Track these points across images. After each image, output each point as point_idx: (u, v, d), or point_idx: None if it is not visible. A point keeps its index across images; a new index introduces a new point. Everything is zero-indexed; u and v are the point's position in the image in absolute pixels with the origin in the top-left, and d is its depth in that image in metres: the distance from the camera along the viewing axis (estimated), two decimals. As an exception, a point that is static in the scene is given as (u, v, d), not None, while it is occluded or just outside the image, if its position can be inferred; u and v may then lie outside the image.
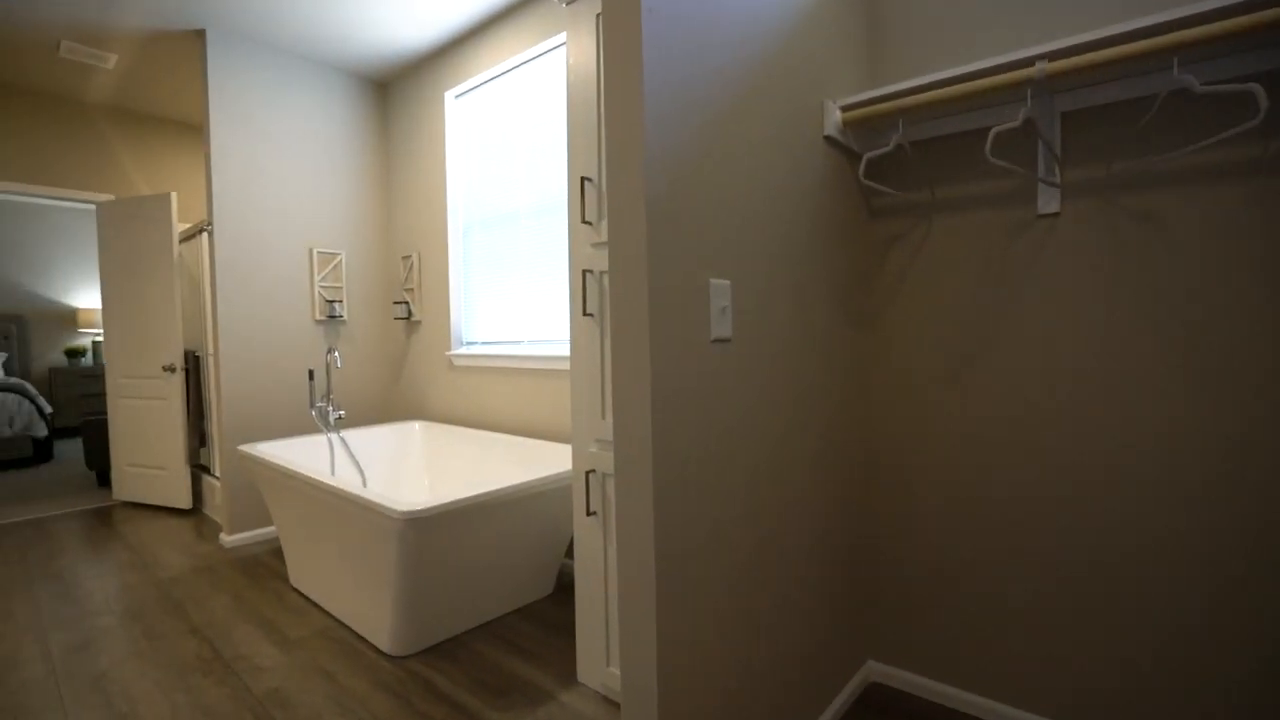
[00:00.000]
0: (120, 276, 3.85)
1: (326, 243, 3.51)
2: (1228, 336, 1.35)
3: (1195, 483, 1.40)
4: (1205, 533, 1.39)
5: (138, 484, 3.91)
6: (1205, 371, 1.38)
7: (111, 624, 2.35)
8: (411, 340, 3.65)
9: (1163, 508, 1.44)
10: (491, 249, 3.22)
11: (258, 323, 3.24)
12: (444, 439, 3.21)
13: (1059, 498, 1.56)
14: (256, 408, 3.24)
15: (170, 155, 4.23)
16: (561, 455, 2.64)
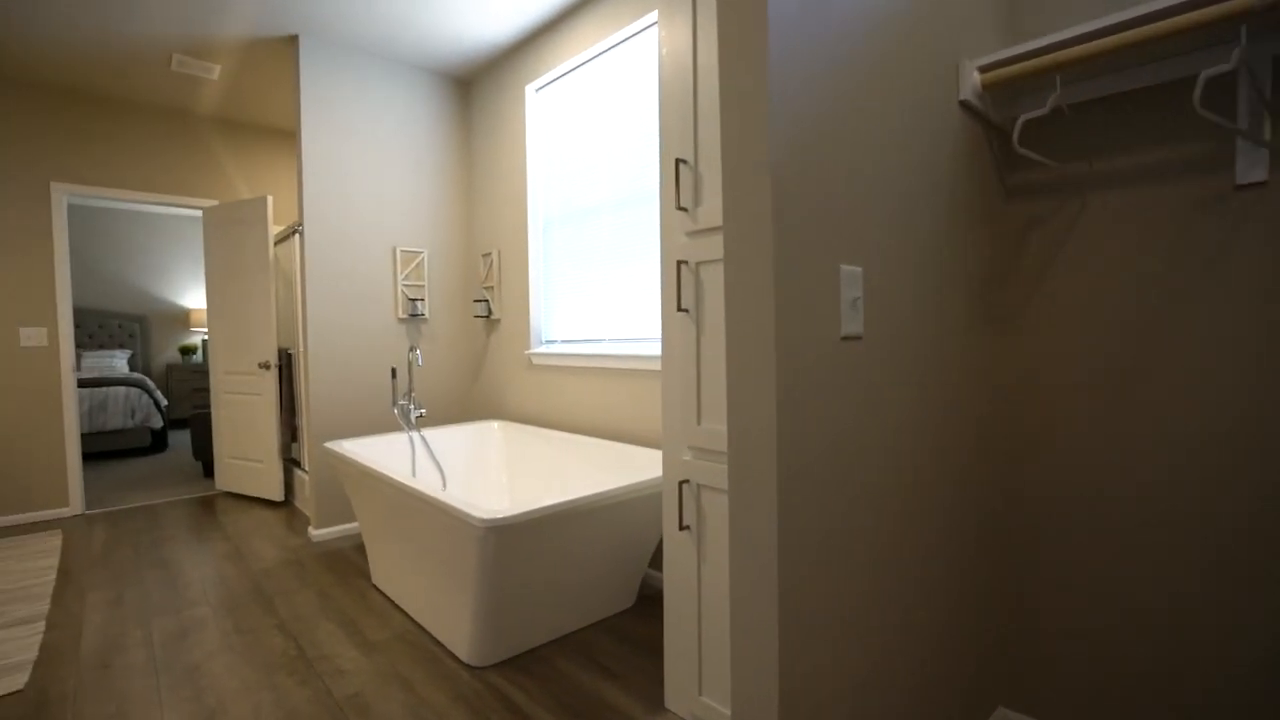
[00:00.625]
0: (222, 277, 4.04)
1: (410, 241, 3.53)
2: None
3: None
4: None
5: (237, 475, 4.09)
6: None
7: (207, 614, 2.40)
8: (491, 339, 3.62)
9: None
10: (571, 245, 3.13)
11: (344, 321, 3.29)
12: (522, 440, 3.15)
13: (1262, 568, 1.27)
14: (342, 404, 3.29)
15: (268, 161, 4.42)
16: (645, 460, 2.50)
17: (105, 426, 5.42)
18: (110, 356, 6.62)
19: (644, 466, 2.48)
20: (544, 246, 3.32)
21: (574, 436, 2.87)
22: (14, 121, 3.58)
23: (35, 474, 3.67)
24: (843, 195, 1.06)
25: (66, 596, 2.59)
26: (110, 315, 6.99)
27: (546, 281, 3.31)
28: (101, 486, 4.53)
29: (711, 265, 1.56)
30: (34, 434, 3.66)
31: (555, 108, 3.20)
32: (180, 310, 7.47)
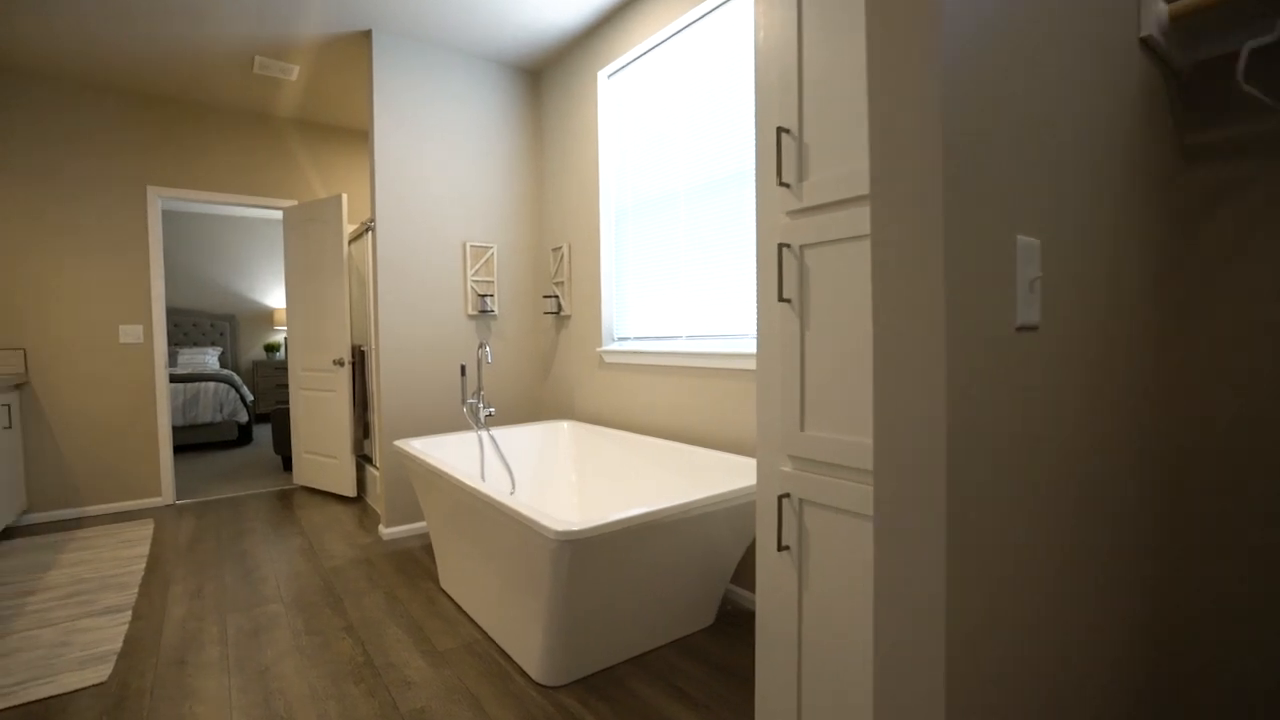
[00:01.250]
0: (300, 276, 4.11)
1: (479, 236, 3.46)
2: None
3: None
4: None
5: (313, 470, 4.16)
6: None
7: (279, 612, 2.38)
8: (561, 336, 3.51)
9: None
10: (645, 236, 2.97)
11: (414, 317, 3.25)
12: (593, 441, 3.01)
13: None
14: (412, 402, 3.25)
15: (344, 161, 4.48)
16: (724, 467, 2.30)
17: (197, 420, 5.69)
18: (203, 353, 6.98)
19: (723, 474, 2.29)
20: (616, 239, 3.17)
21: (647, 439, 2.70)
22: (115, 130, 3.75)
23: (132, 464, 3.83)
24: (1012, 147, 0.84)
25: (152, 587, 2.64)
26: (203, 314, 7.38)
27: (619, 276, 3.16)
28: (192, 477, 4.72)
29: (820, 248, 1.35)
30: (132, 426, 3.83)
31: (628, 93, 3.04)
32: (265, 309, 7.82)
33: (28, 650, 2.13)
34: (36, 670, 2.00)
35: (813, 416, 1.37)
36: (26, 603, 2.49)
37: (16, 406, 3.49)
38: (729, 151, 2.49)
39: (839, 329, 1.30)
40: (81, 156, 3.67)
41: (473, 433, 2.93)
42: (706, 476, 2.36)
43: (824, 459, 1.34)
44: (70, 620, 2.34)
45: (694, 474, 2.41)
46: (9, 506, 3.31)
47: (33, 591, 2.60)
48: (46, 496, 3.62)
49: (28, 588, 2.64)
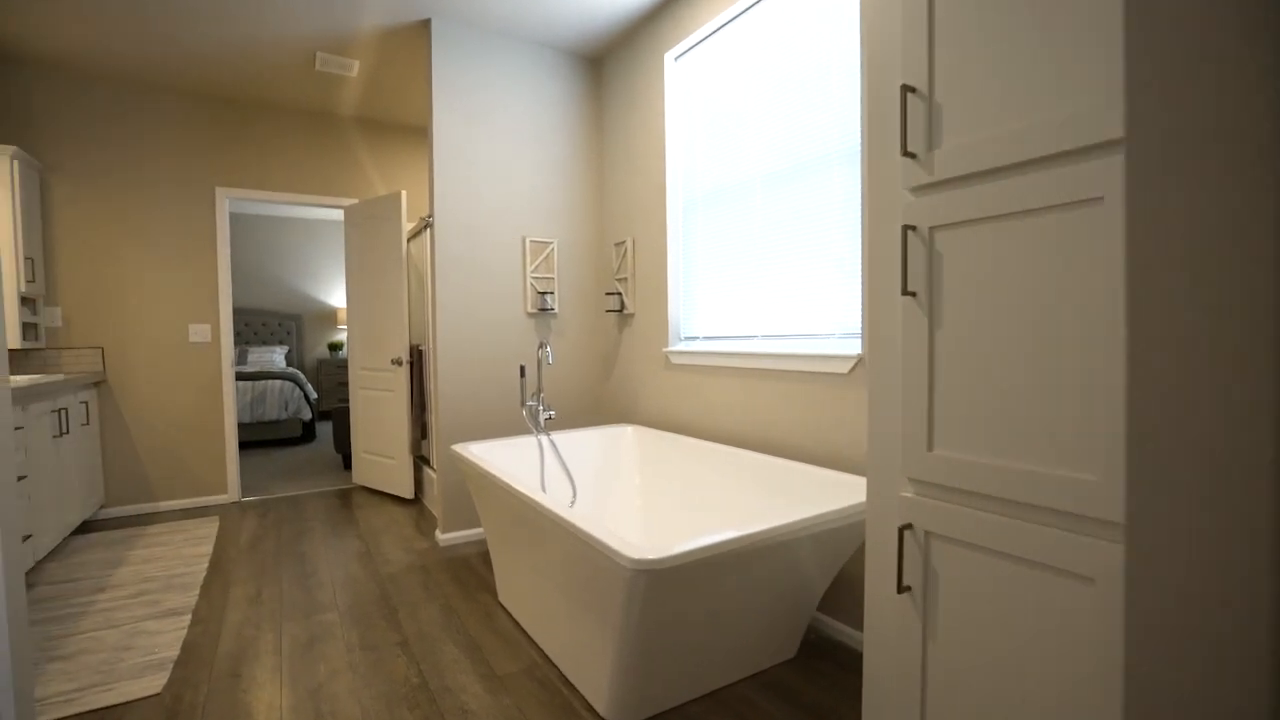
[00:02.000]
0: (360, 274, 4.09)
1: (539, 231, 3.32)
2: None
3: None
4: None
5: (371, 470, 4.13)
6: None
7: (334, 622, 2.29)
8: (623, 335, 3.33)
9: None
10: (717, 228, 2.75)
11: (473, 316, 3.14)
12: (659, 448, 2.82)
13: None
14: (470, 403, 3.14)
15: (403, 159, 4.45)
16: (814, 482, 2.06)
17: (264, 417, 5.82)
18: (270, 352, 7.17)
19: (811, 490, 2.05)
20: (683, 232, 2.97)
21: (718, 447, 2.49)
22: (184, 131, 3.81)
23: (201, 461, 3.88)
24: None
25: (213, 589, 2.61)
26: (271, 314, 7.59)
27: (686, 271, 2.96)
28: (257, 474, 4.79)
29: (957, 230, 1.11)
30: (200, 424, 3.88)
31: (697, 76, 2.83)
32: (329, 309, 7.99)
33: (92, 652, 2.10)
34: (97, 676, 1.96)
35: (945, 433, 1.13)
36: (96, 601, 2.49)
37: (95, 403, 3.57)
38: (812, 133, 2.25)
39: (980, 327, 1.06)
40: (154, 158, 3.73)
41: (532, 437, 2.79)
42: (790, 492, 2.13)
43: (960, 485, 1.10)
44: (134, 622, 2.31)
45: (774, 489, 2.19)
46: (88, 501, 3.38)
47: (103, 589, 2.61)
48: (122, 491, 3.70)
49: (99, 584, 2.65)
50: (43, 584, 2.66)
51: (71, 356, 3.56)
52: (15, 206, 3.15)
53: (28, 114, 3.45)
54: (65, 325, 3.56)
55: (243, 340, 7.39)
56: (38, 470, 2.74)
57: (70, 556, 2.99)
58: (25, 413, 2.64)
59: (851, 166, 2.10)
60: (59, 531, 2.97)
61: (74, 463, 3.19)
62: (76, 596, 2.54)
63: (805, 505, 2.03)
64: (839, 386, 2.11)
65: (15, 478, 1.38)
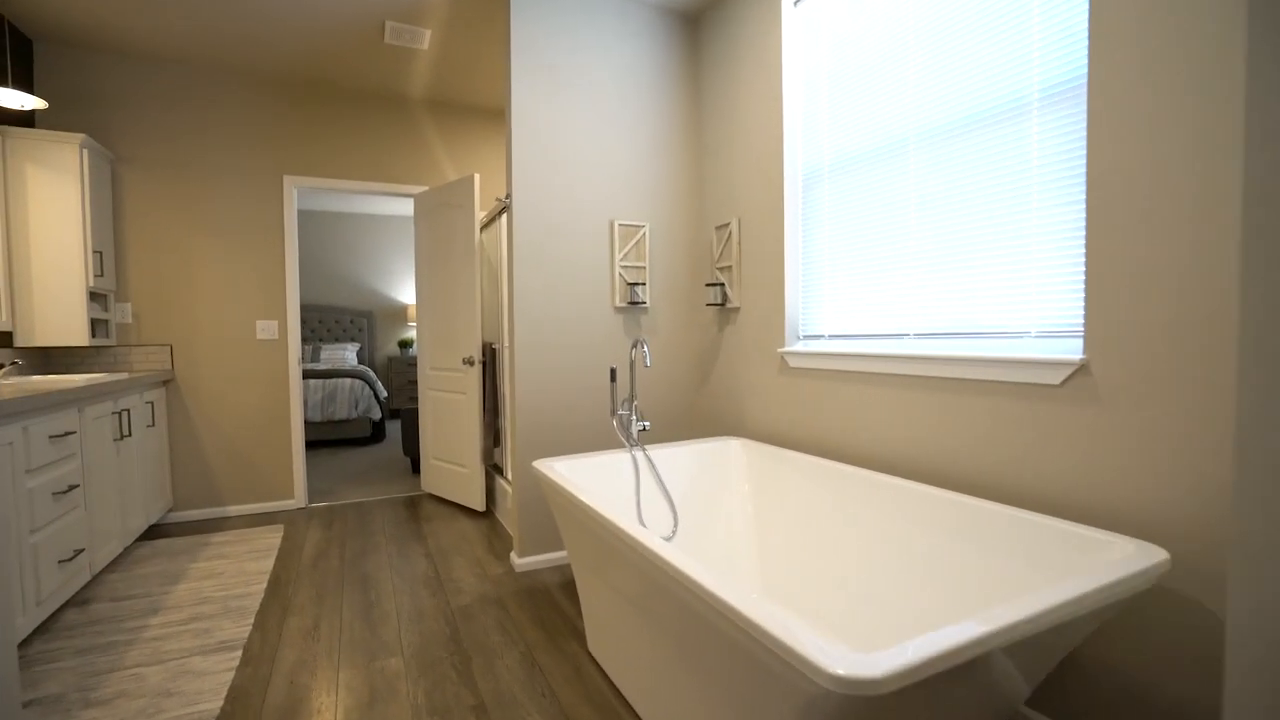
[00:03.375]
0: (430, 266, 3.80)
1: (629, 213, 2.90)
2: None
3: None
4: None
5: (440, 478, 3.83)
6: None
7: (398, 671, 1.93)
8: (725, 332, 2.87)
9: None
10: (848, 203, 2.25)
11: (554, 310, 2.75)
12: (773, 469, 2.34)
13: None
14: (550, 409, 2.75)
15: (474, 143, 4.14)
16: (1021, 532, 1.53)
17: (333, 416, 5.68)
18: (342, 349, 7.11)
19: (1024, 542, 1.52)
20: (802, 210, 2.47)
21: (861, 473, 1.99)
22: (252, 117, 3.61)
23: (268, 464, 3.68)
24: None
25: (269, 617, 2.32)
26: (343, 310, 7.55)
27: (806, 256, 2.46)
28: (325, 476, 4.61)
29: None
30: (268, 426, 3.68)
31: (823, 22, 2.33)
32: (399, 305, 7.90)
33: (132, 696, 1.82)
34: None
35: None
36: (146, 627, 2.24)
37: (163, 403, 3.41)
38: (996, 71, 1.71)
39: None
40: (221, 147, 3.54)
41: (624, 453, 2.36)
42: (990, 544, 1.61)
43: None
44: (182, 657, 2.04)
45: (962, 537, 1.66)
46: (154, 506, 3.22)
47: (157, 610, 2.37)
48: (190, 495, 3.54)
49: (154, 604, 2.41)
50: (99, 600, 2.45)
51: (141, 354, 3.42)
52: (85, 198, 3.00)
53: (98, 103, 3.32)
54: (135, 322, 3.42)
55: (316, 337, 7.37)
56: (95, 477, 2.54)
57: (132, 568, 2.79)
58: (81, 416, 2.43)
59: (1068, 106, 1.55)
60: (122, 539, 2.78)
61: (138, 467, 3.01)
62: (130, 619, 2.30)
63: (1032, 566, 1.50)
64: (1046, 402, 1.57)
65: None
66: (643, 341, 2.34)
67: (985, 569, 1.55)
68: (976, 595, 1.56)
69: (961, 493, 1.74)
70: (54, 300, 2.95)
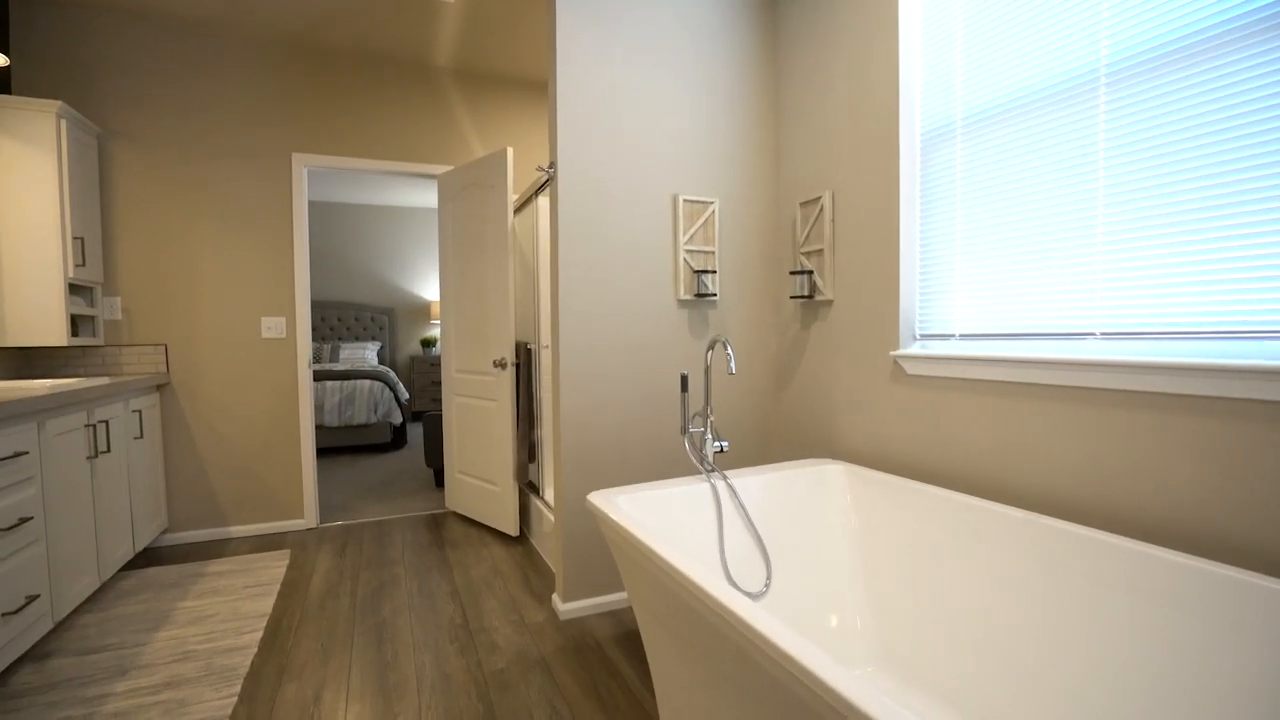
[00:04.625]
0: (456, 255, 3.35)
1: (695, 187, 2.41)
2: None
3: None
4: None
5: (467, 496, 3.38)
6: None
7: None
8: (812, 331, 2.36)
9: None
10: (989, 167, 1.73)
11: (606, 304, 2.27)
12: (892, 504, 1.83)
13: None
14: (603, 425, 2.28)
15: (506, 117, 3.68)
16: (1253, 609, 1.02)
17: (352, 421, 5.29)
18: (362, 348, 6.73)
19: (1260, 622, 1.00)
20: (919, 180, 1.96)
21: (1003, 512, 1.47)
22: (257, 88, 3.19)
23: (275, 479, 3.27)
24: None
25: (261, 683, 1.88)
26: (363, 307, 7.18)
27: (926, 236, 1.95)
28: (340, 489, 4.20)
29: None
30: (275, 435, 3.27)
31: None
32: (422, 302, 7.51)
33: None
34: None
35: None
36: (108, 696, 1.81)
37: (156, 411, 3.01)
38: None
39: None
40: (221, 122, 3.13)
41: (701, 481, 1.88)
42: (1215, 621, 1.09)
43: None
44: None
45: (1163, 603, 1.15)
46: (145, 527, 2.81)
47: (126, 670, 1.94)
48: (188, 514, 3.14)
49: (124, 661, 1.99)
50: (63, 654, 2.04)
51: (133, 355, 3.02)
52: (62, 175, 2.60)
53: (84, 69, 2.92)
54: (126, 318, 3.02)
55: (335, 336, 7.00)
56: (60, 505, 2.12)
57: (112, 606, 2.38)
58: (41, 432, 2.01)
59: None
60: (101, 572, 2.37)
61: (122, 487, 2.60)
62: (92, 682, 1.87)
63: None
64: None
65: None
66: (723, 341, 1.85)
67: (1219, 665, 1.04)
68: (1200, 701, 1.04)
69: (1175, 548, 1.23)
70: (26, 293, 2.55)
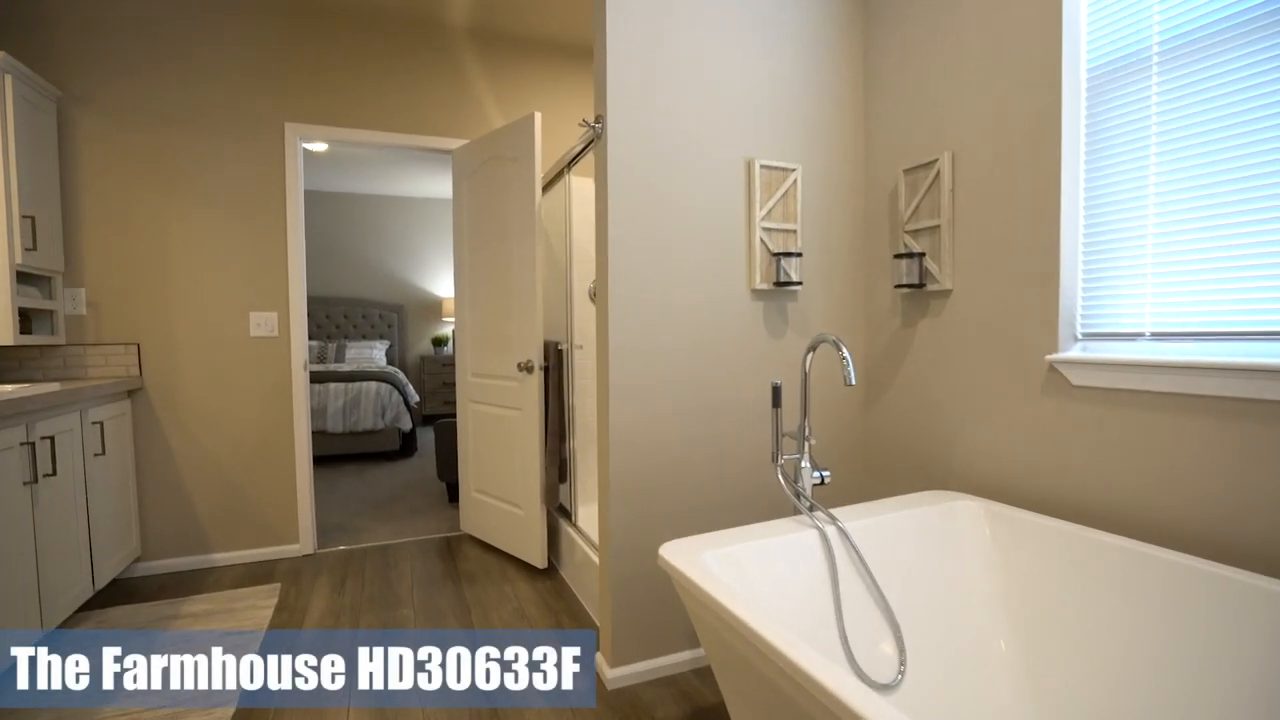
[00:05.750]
0: (472, 242, 2.91)
1: (773, 150, 1.95)
2: None
3: None
4: None
5: (485, 518, 2.94)
6: None
7: None
8: (921, 328, 1.90)
9: None
10: (1197, 112, 1.27)
11: (666, 294, 1.82)
12: (1053, 558, 1.37)
13: None
14: (661, 443, 1.83)
15: (533, 86, 3.23)
16: None
17: (357, 426, 4.87)
18: (370, 347, 6.33)
19: None
20: (1083, 130, 1.49)
21: (1230, 577, 1.02)
22: (247, 50, 2.76)
23: (265, 497, 2.84)
24: None
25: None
26: (371, 304, 6.77)
27: (1092, 208, 1.49)
28: (344, 504, 3.78)
29: None
30: (266, 447, 2.84)
31: None
32: (433, 299, 7.09)
33: None
34: None
35: None
36: (32, 798, 1.38)
37: (126, 420, 2.59)
38: None
39: None
40: (204, 87, 2.70)
41: (803, 524, 1.42)
42: None
43: None
44: None
45: None
46: (111, 558, 2.40)
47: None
48: (165, 540, 2.71)
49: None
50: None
51: (99, 356, 2.60)
52: (7, 139, 2.17)
53: (43, 26, 2.50)
54: (92, 313, 2.60)
55: (341, 334, 6.60)
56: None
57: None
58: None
59: None
60: (45, 618, 1.94)
61: (70, 515, 2.17)
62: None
63: None
64: None
65: None
66: (833, 341, 1.39)
67: None
68: None
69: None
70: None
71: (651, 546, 1.51)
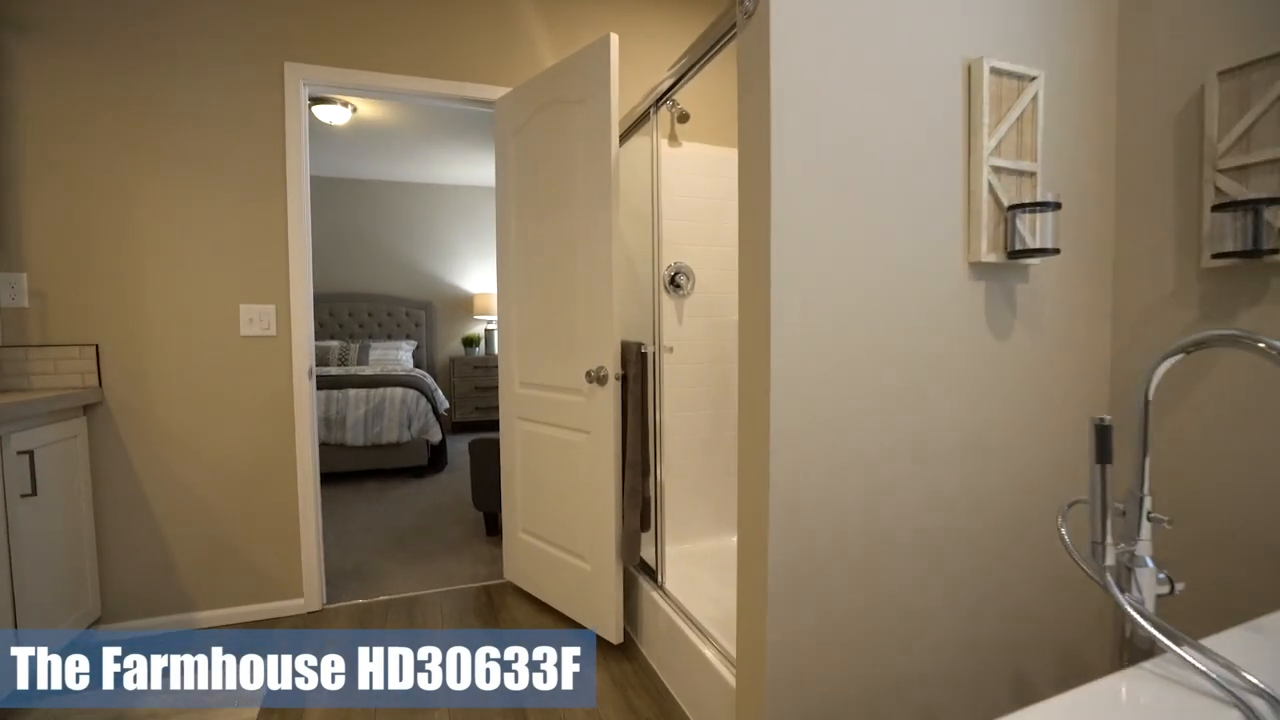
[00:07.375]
0: (521, 212, 2.27)
1: (1003, 48, 1.27)
2: None
3: None
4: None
5: (537, 568, 2.30)
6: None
7: None
8: (1246, 322, 1.20)
9: None
10: None
11: (848, 283, 1.15)
12: None
13: None
14: (844, 505, 1.16)
15: (599, 19, 2.57)
16: None
17: (380, 439, 4.28)
18: (395, 348, 5.77)
19: None
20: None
21: None
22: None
23: (259, 542, 2.25)
24: None
25: None
26: (398, 302, 6.22)
27: None
28: (364, 537, 3.19)
29: None
30: (261, 476, 2.25)
31: None
32: (464, 295, 6.51)
33: None
34: None
35: None
36: None
37: (81, 444, 2.01)
38: None
39: None
40: (182, 18, 2.11)
41: (1186, 690, 0.74)
42: None
43: None
44: None
45: None
46: (59, 621, 1.82)
47: None
48: (132, 598, 2.13)
49: None
50: None
51: (45, 361, 2.02)
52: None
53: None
54: (36, 305, 2.02)
55: (365, 334, 6.05)
56: None
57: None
58: None
59: None
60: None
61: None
62: None
63: None
64: None
65: None
66: (1248, 337, 0.71)
67: None
68: None
69: None
70: None
71: (825, 675, 0.85)
